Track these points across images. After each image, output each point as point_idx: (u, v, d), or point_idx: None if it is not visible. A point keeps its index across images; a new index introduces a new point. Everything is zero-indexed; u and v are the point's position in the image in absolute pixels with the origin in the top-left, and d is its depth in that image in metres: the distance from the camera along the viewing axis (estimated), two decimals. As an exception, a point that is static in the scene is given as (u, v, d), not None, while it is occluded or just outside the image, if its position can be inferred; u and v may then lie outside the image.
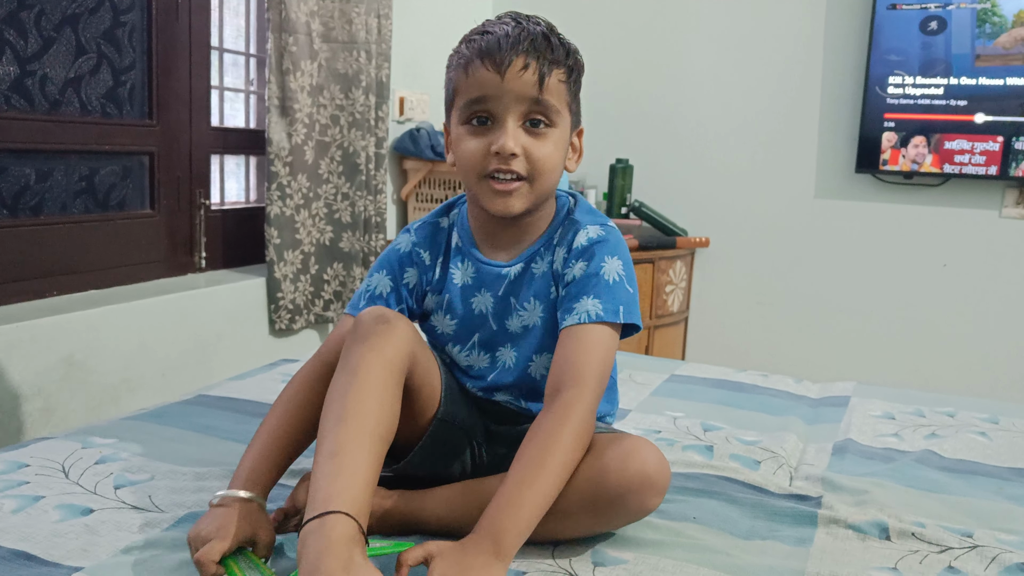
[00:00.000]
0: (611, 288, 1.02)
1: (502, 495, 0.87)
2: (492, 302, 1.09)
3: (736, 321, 3.16)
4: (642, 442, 0.94)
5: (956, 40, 2.69)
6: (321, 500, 0.81)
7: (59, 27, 1.81)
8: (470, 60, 1.01)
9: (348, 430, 0.87)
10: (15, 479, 1.09)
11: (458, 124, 1.04)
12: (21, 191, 1.78)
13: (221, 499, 0.93)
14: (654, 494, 0.93)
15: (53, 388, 1.69)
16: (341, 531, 0.79)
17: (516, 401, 1.12)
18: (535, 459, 0.90)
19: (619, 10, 3.19)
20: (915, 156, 2.77)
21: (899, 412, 1.57)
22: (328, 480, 0.83)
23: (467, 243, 1.11)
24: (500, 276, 1.09)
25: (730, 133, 3.09)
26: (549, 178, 1.03)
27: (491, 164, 1.01)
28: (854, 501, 1.13)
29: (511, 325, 1.09)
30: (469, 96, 1.01)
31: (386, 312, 0.99)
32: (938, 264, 2.87)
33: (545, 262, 1.08)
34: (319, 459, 0.86)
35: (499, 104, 1.00)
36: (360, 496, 0.83)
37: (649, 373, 1.78)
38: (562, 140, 1.04)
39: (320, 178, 2.35)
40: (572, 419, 0.92)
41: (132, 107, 2.01)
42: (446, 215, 1.15)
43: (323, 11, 2.30)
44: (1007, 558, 0.97)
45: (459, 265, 1.11)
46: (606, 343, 1.00)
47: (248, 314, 2.19)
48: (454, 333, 1.12)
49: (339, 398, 0.90)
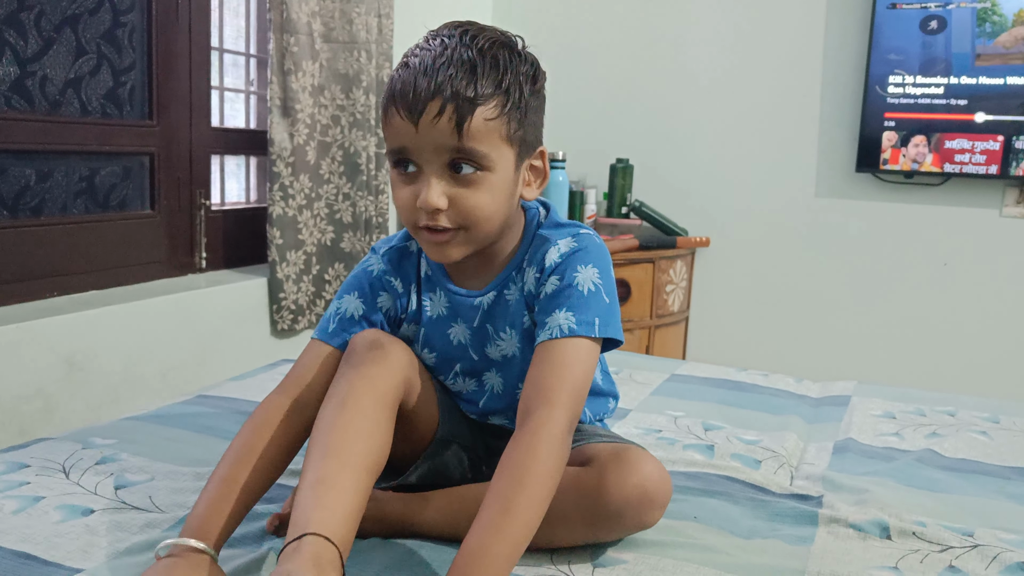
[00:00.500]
0: (585, 299, 0.94)
1: (470, 541, 0.79)
2: (469, 334, 1.04)
3: (737, 321, 3.16)
4: (643, 456, 0.93)
5: (956, 39, 2.69)
6: (300, 524, 0.79)
7: (59, 28, 1.81)
8: (387, 105, 0.92)
9: (333, 463, 0.84)
10: (15, 480, 1.09)
11: (390, 166, 0.96)
12: (21, 192, 1.78)
13: (170, 549, 0.83)
14: (653, 509, 0.92)
15: (54, 389, 1.69)
16: (318, 552, 0.76)
17: (511, 424, 1.08)
18: (505, 498, 0.81)
19: (619, 9, 3.19)
20: (915, 155, 2.77)
21: (900, 411, 1.57)
22: (309, 506, 0.80)
23: (437, 272, 1.05)
24: (473, 307, 1.03)
25: (730, 133, 3.09)
26: (487, 225, 0.94)
27: (421, 219, 0.92)
28: (855, 500, 1.13)
29: (491, 353, 1.05)
30: (390, 144, 0.93)
31: (380, 337, 0.95)
32: (939, 263, 2.87)
33: (516, 288, 1.01)
34: (302, 487, 0.83)
35: (419, 155, 0.91)
36: (341, 524, 0.80)
37: (649, 373, 1.78)
38: (501, 183, 0.93)
39: (321, 178, 2.35)
40: (542, 445, 0.85)
41: (132, 108, 2.01)
42: (410, 239, 1.07)
43: (324, 11, 2.30)
44: (1008, 557, 0.97)
45: (431, 297, 1.05)
46: (581, 358, 0.92)
47: (249, 314, 2.19)
48: (435, 366, 1.08)
49: (326, 430, 0.87)
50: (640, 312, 2.88)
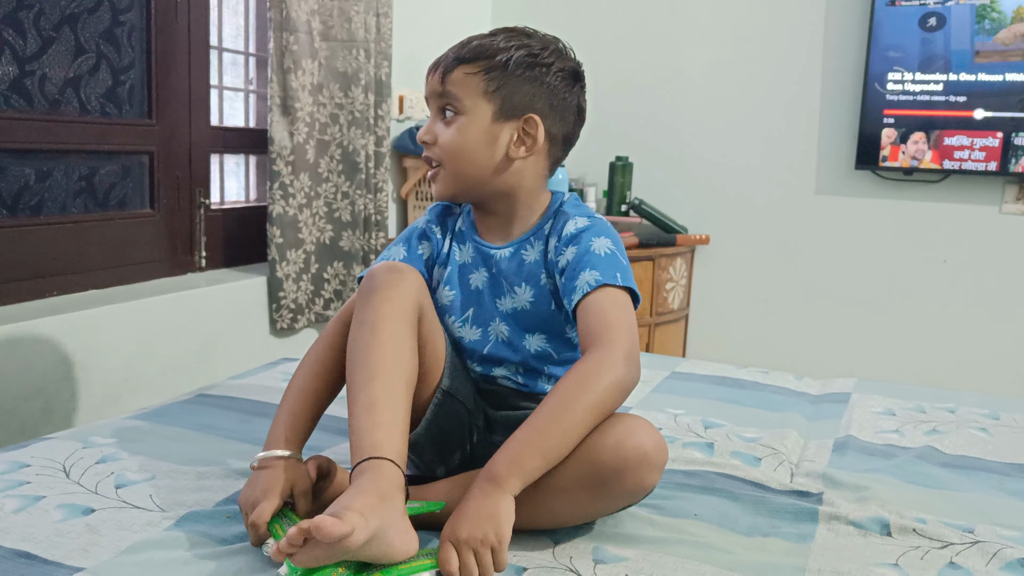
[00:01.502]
0: (604, 260, 1.06)
1: (509, 439, 0.93)
2: (486, 278, 1.15)
3: (736, 318, 3.16)
4: (639, 421, 0.96)
5: (955, 36, 2.69)
6: (368, 447, 0.89)
7: (58, 27, 1.81)
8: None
9: (379, 385, 0.94)
10: (16, 479, 1.09)
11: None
12: (21, 191, 1.78)
13: (260, 461, 1.00)
14: (652, 471, 0.94)
15: (54, 388, 1.69)
16: (387, 474, 0.86)
17: (514, 376, 1.14)
18: (545, 407, 0.94)
19: (618, 7, 3.18)
20: (915, 152, 2.77)
21: (900, 408, 1.57)
22: (368, 431, 0.90)
23: (469, 228, 1.19)
24: (491, 257, 1.15)
25: (730, 130, 3.08)
26: (461, 160, 1.11)
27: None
28: (855, 497, 1.13)
29: (502, 305, 1.14)
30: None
31: (397, 263, 1.06)
32: (938, 260, 2.87)
33: (536, 250, 1.13)
34: (356, 412, 0.93)
35: (428, 102, 1.14)
36: (402, 447, 0.91)
37: (650, 370, 1.78)
38: (474, 124, 1.10)
39: (320, 177, 2.35)
40: (590, 369, 0.95)
41: (131, 107, 2.01)
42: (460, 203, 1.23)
43: (323, 10, 2.30)
44: (1008, 553, 0.97)
45: (461, 247, 1.18)
46: (618, 300, 1.03)
47: (248, 313, 2.20)
48: (450, 304, 1.17)
49: (365, 352, 0.96)
50: (640, 310, 2.87)
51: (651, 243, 2.86)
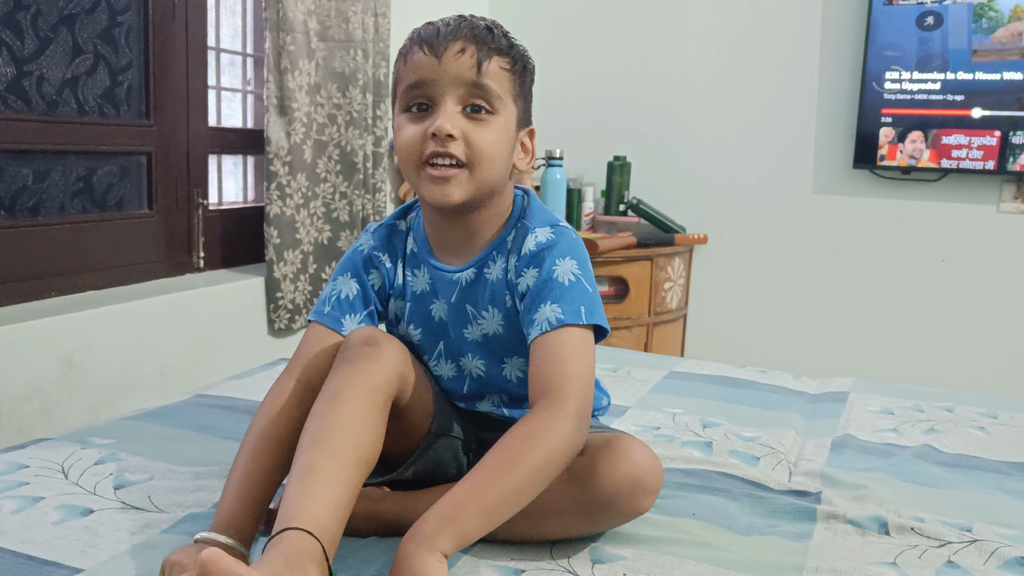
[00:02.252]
0: (567, 290, 0.96)
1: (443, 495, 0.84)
2: (446, 309, 1.05)
3: (735, 317, 3.16)
4: (633, 443, 0.93)
5: (953, 35, 2.69)
6: (286, 517, 0.79)
7: (56, 27, 1.81)
8: (409, 47, 0.98)
9: (322, 452, 0.84)
10: (15, 480, 1.09)
11: (398, 114, 0.99)
12: (19, 192, 1.78)
13: (204, 540, 0.87)
14: (645, 496, 0.92)
15: (52, 389, 1.69)
16: (299, 547, 0.76)
17: (498, 409, 1.10)
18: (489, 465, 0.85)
19: (616, 5, 3.18)
20: (912, 151, 2.77)
21: (898, 407, 1.58)
22: (296, 498, 0.81)
23: (422, 249, 1.06)
24: (452, 282, 1.03)
25: (727, 129, 3.09)
26: (491, 167, 0.97)
27: (428, 148, 0.95)
28: (853, 496, 1.13)
29: (470, 334, 1.05)
30: (408, 82, 0.97)
31: (375, 334, 0.96)
32: (936, 259, 2.87)
33: (498, 267, 1.02)
34: (291, 478, 0.83)
35: (436, 88, 0.95)
36: (327, 518, 0.80)
37: (648, 370, 1.78)
38: (506, 130, 0.98)
39: (318, 177, 2.35)
40: (538, 428, 0.87)
41: (129, 107, 2.01)
42: (403, 218, 1.11)
43: (320, 10, 2.29)
44: (1006, 552, 0.98)
45: (415, 272, 1.07)
46: (577, 344, 0.94)
47: (246, 314, 2.19)
48: (419, 343, 1.08)
49: (318, 420, 0.88)
50: (638, 310, 2.88)
51: (649, 243, 2.86)
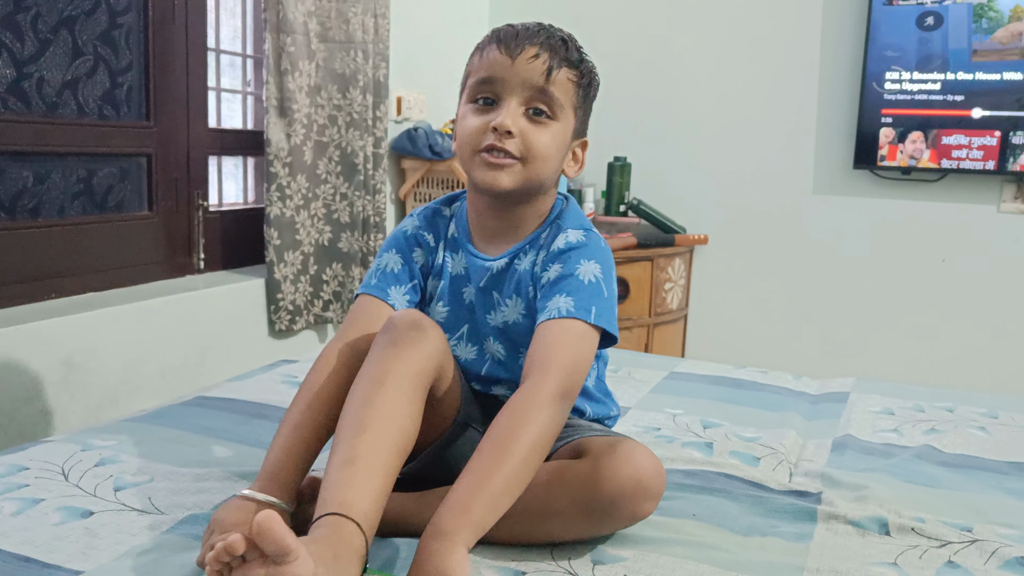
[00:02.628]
0: (585, 288, 1.00)
1: (451, 489, 0.86)
2: (475, 293, 1.10)
3: (735, 318, 3.16)
4: (638, 447, 0.94)
5: (953, 35, 2.69)
6: (331, 502, 0.81)
7: (56, 29, 1.81)
8: (486, 44, 1.04)
9: (366, 442, 0.86)
10: (15, 482, 1.09)
11: (464, 103, 1.06)
12: (19, 194, 1.78)
13: (247, 497, 0.91)
14: (647, 500, 0.93)
15: (52, 390, 1.69)
16: (348, 540, 0.78)
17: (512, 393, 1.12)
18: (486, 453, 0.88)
19: (616, 8, 3.18)
20: (913, 151, 2.77)
21: (898, 407, 1.58)
22: (341, 485, 0.82)
23: (463, 236, 1.12)
24: (484, 268, 1.09)
25: (728, 130, 3.09)
26: (543, 166, 1.03)
27: (487, 140, 1.02)
28: (854, 497, 1.13)
29: (492, 319, 1.09)
30: (478, 76, 1.04)
31: (421, 319, 0.97)
32: (937, 259, 2.87)
33: (528, 260, 1.07)
34: (333, 463, 0.85)
35: (505, 86, 1.02)
36: (372, 512, 0.82)
37: (648, 370, 1.78)
38: (562, 136, 1.05)
39: (319, 178, 2.35)
40: (527, 405, 0.90)
41: (129, 109, 2.01)
42: (448, 206, 1.16)
43: (320, 11, 2.30)
44: (1007, 552, 0.98)
45: (453, 256, 1.12)
46: (576, 335, 0.97)
47: (247, 315, 2.19)
48: (444, 321, 1.12)
49: (361, 406, 0.89)
50: (639, 310, 2.88)
51: (650, 243, 2.86)
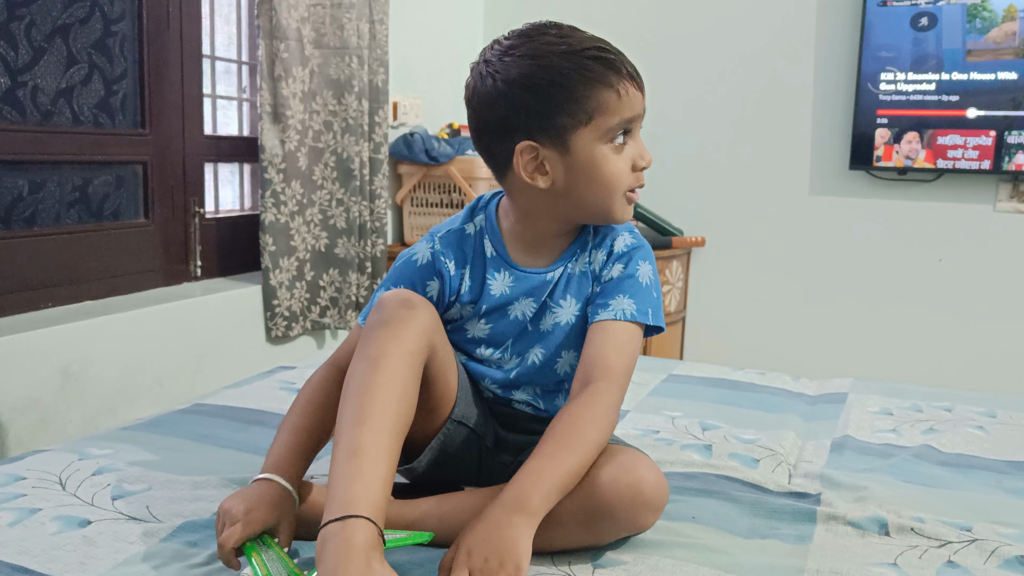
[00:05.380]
0: (644, 290, 1.06)
1: (526, 467, 0.89)
2: (534, 307, 1.09)
3: (733, 320, 3.16)
4: (639, 458, 0.94)
5: (947, 35, 2.69)
6: (341, 502, 0.81)
7: (50, 37, 1.81)
8: (617, 78, 1.01)
9: (368, 430, 0.86)
10: (11, 492, 1.08)
11: (600, 143, 1.02)
12: (14, 203, 1.78)
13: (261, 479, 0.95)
14: (647, 511, 0.92)
15: (49, 399, 1.68)
16: (361, 537, 0.79)
17: (535, 400, 1.12)
18: (560, 437, 0.91)
19: (610, 10, 3.19)
20: (908, 152, 2.78)
21: (896, 408, 1.58)
22: (348, 482, 0.83)
23: (502, 252, 1.10)
24: (545, 282, 1.09)
25: (723, 132, 3.09)
26: None
27: (634, 180, 1.07)
28: (853, 497, 1.13)
29: (544, 324, 1.10)
30: (623, 116, 1.02)
31: (411, 297, 0.98)
32: (933, 259, 2.87)
33: (582, 263, 1.09)
34: (337, 457, 0.85)
35: (638, 122, 1.06)
36: (380, 499, 0.83)
37: (647, 373, 1.78)
38: None
39: (314, 184, 2.34)
40: (599, 408, 0.94)
41: (124, 116, 2.01)
42: (471, 220, 1.13)
43: (314, 17, 2.30)
44: (1006, 551, 0.98)
45: (496, 276, 1.09)
46: (634, 341, 1.03)
47: (244, 322, 2.19)
48: (488, 337, 1.11)
49: (359, 391, 0.89)
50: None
51: (646, 246, 2.86)
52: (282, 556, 0.87)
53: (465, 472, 1.09)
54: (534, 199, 1.05)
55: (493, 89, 1.01)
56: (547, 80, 0.98)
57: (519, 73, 0.99)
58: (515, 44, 1.01)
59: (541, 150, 1.01)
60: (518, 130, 1.01)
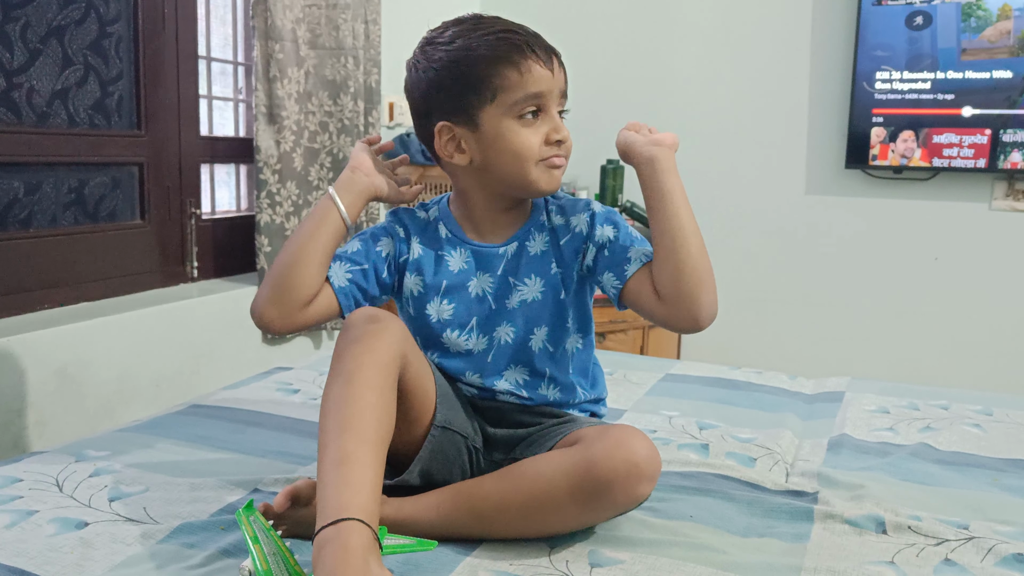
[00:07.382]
0: (639, 238, 1.13)
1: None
2: (492, 282, 1.13)
3: (729, 319, 3.15)
4: (630, 431, 0.95)
5: (942, 34, 2.70)
6: (333, 508, 0.82)
7: (45, 39, 1.80)
8: (522, 57, 1.05)
9: (352, 438, 0.87)
10: (8, 494, 1.08)
11: (507, 118, 1.07)
12: (10, 204, 1.78)
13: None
14: (643, 482, 0.93)
15: (46, 401, 1.68)
16: (357, 540, 0.80)
17: (517, 389, 1.13)
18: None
19: (607, 9, 3.19)
20: (904, 151, 2.78)
21: (893, 406, 1.58)
22: (337, 488, 0.84)
23: (457, 232, 1.16)
24: (498, 256, 1.13)
25: (719, 131, 3.09)
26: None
27: (548, 151, 1.08)
28: (850, 496, 1.13)
29: (509, 303, 1.13)
30: (527, 92, 1.06)
31: (377, 312, 1.00)
32: (929, 258, 2.88)
33: (541, 241, 1.14)
34: (324, 467, 0.86)
35: (549, 98, 1.08)
36: (370, 502, 0.84)
37: (644, 373, 1.78)
38: None
39: (310, 185, 2.34)
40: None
41: (120, 118, 2.00)
42: (425, 211, 1.21)
43: (309, 18, 2.29)
44: (1003, 549, 0.98)
45: (453, 253, 1.15)
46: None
47: (241, 323, 2.19)
48: (452, 318, 1.13)
49: (339, 404, 0.90)
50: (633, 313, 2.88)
51: (643, 245, 2.86)
52: (283, 550, 0.87)
53: (458, 476, 1.09)
54: (464, 177, 1.13)
55: (415, 77, 1.11)
56: (454, 62, 1.06)
57: (434, 59, 1.08)
58: (436, 35, 1.10)
59: (456, 129, 1.08)
60: (434, 112, 1.09)
